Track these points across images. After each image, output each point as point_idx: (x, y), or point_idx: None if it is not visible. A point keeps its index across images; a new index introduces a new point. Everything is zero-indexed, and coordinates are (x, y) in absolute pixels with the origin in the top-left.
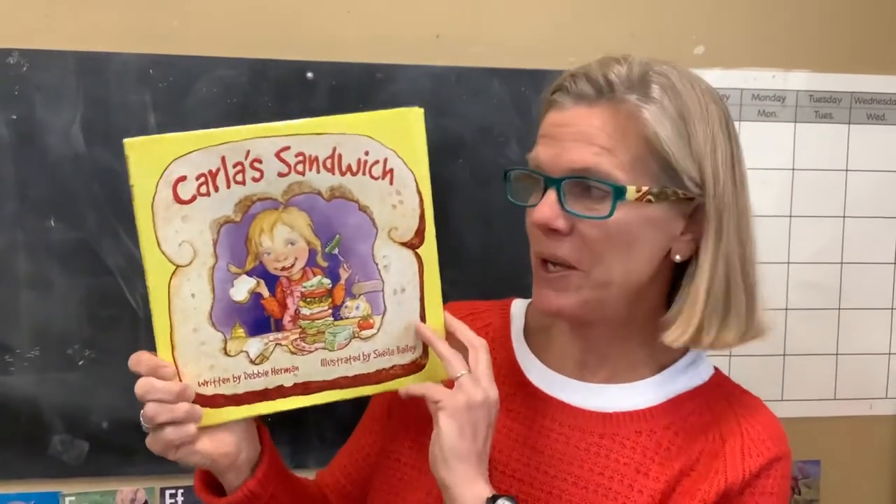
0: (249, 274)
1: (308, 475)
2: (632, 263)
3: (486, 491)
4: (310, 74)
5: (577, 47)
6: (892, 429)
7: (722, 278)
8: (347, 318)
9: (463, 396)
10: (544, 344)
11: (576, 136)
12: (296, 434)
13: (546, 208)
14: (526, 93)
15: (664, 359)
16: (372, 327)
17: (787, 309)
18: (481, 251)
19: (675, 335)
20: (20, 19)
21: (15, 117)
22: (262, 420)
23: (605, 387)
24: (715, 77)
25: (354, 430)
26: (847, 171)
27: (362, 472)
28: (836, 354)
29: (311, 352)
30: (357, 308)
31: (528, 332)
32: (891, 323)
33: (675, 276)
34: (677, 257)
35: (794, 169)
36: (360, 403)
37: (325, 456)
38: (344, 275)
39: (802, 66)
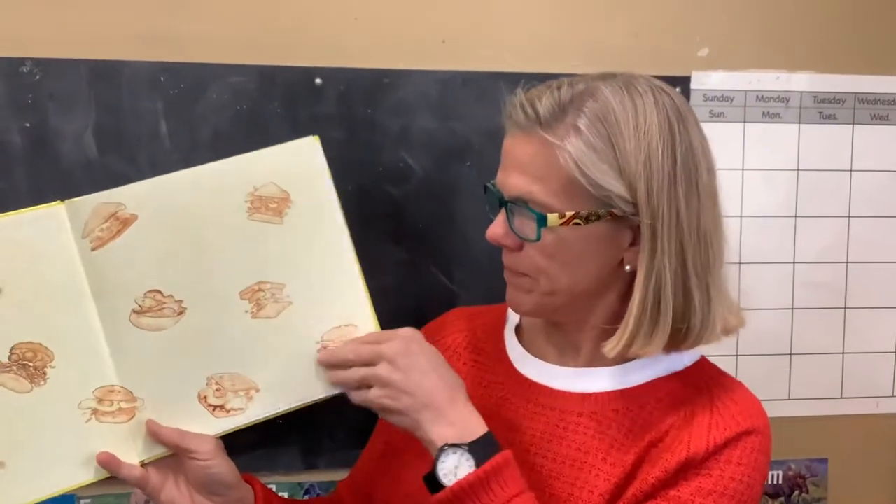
0: None
1: (319, 477)
2: (578, 275)
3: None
4: (318, 80)
5: (581, 50)
6: None
7: (653, 293)
8: None
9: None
10: (533, 338)
11: (514, 164)
12: (307, 436)
13: (497, 226)
14: None
15: None
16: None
17: (792, 308)
18: (488, 253)
19: (610, 345)
20: (33, 28)
21: (28, 125)
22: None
23: (585, 370)
24: (719, 79)
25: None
26: (851, 171)
27: (375, 470)
28: (843, 353)
29: None
30: None
31: (520, 329)
32: None
33: None
34: (627, 267)
35: (798, 170)
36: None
37: (336, 457)
38: None
39: (806, 67)
